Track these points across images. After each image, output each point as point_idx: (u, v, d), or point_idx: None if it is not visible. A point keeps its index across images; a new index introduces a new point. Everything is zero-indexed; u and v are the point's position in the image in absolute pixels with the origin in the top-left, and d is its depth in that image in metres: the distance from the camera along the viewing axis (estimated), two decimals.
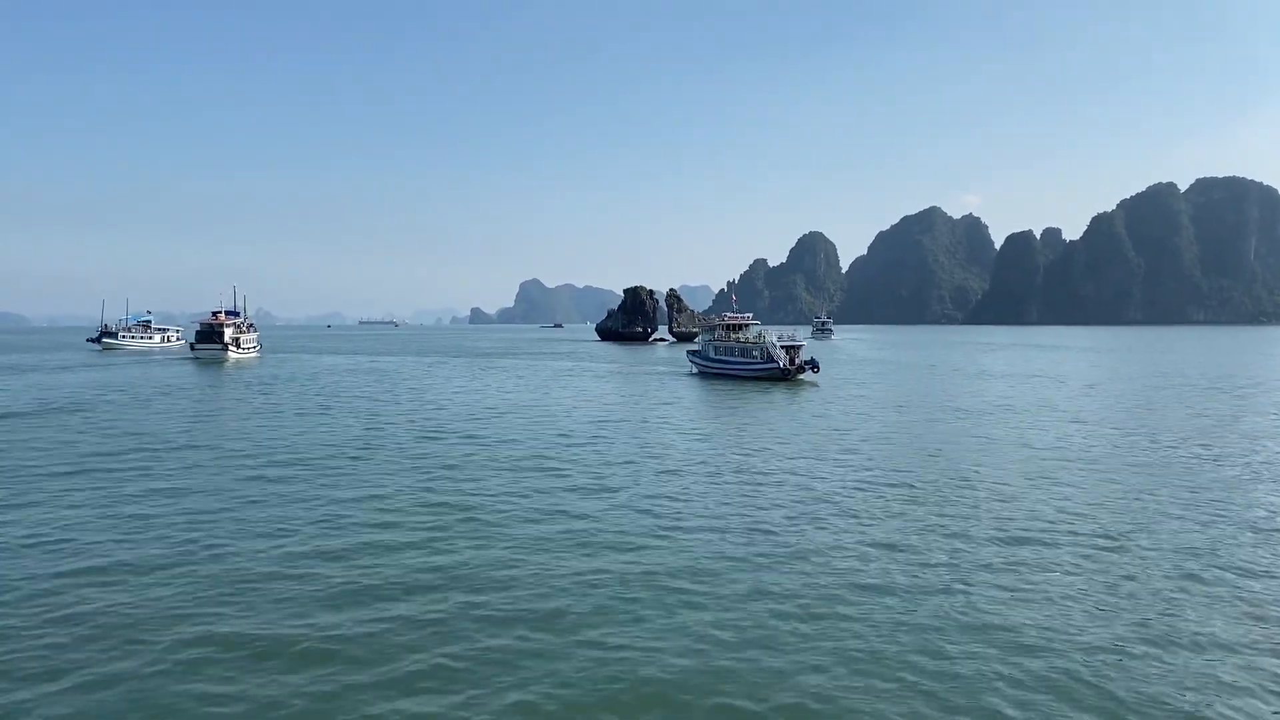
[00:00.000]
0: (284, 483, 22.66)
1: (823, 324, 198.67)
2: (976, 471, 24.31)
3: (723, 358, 65.06)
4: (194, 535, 17.16)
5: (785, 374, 57.73)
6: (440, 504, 20.17)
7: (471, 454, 27.60)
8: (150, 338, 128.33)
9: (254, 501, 20.39)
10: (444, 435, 32.22)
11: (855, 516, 18.85)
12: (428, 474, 24.09)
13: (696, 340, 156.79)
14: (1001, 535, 17.22)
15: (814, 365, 59.21)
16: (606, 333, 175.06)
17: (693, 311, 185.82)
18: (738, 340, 64.51)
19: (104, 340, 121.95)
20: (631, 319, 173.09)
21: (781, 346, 59.61)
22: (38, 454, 27.26)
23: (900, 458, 26.68)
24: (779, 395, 49.14)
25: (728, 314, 71.65)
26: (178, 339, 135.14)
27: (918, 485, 22.26)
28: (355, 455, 27.39)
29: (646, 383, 59.33)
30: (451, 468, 25.09)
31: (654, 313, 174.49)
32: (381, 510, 19.51)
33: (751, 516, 18.88)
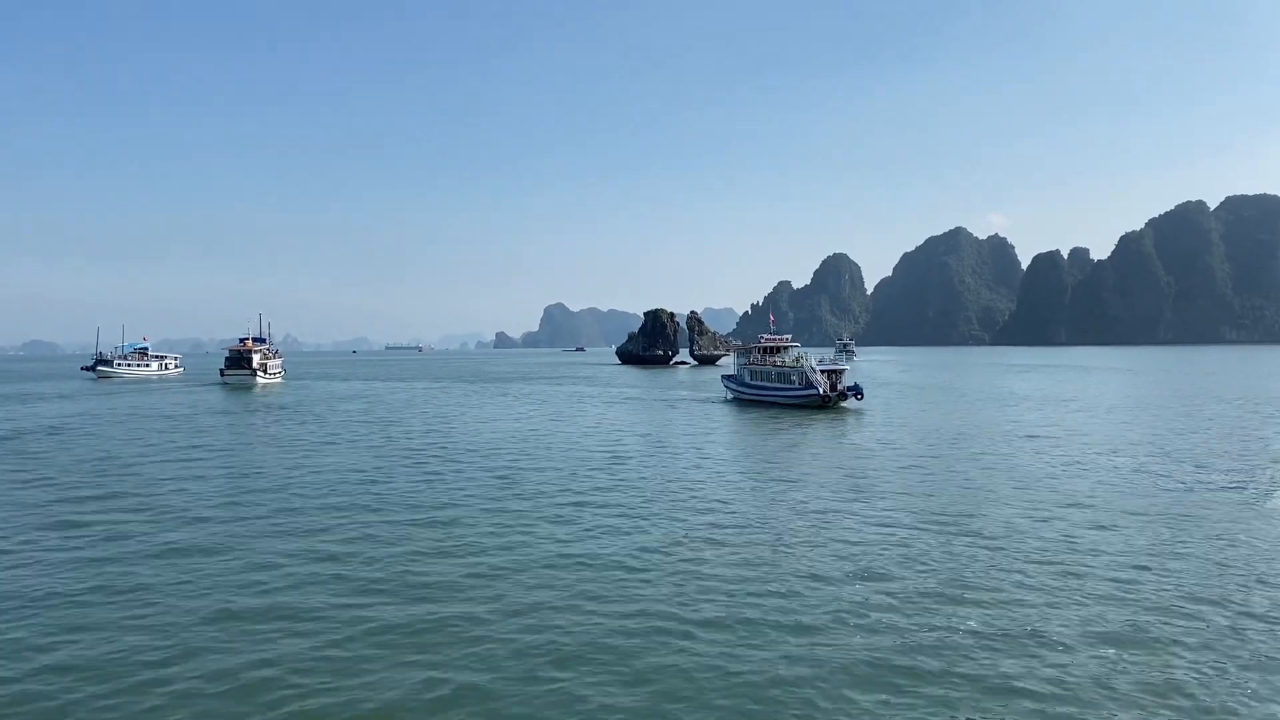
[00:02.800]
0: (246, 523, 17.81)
1: (844, 345, 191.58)
2: (1053, 516, 19.42)
3: (759, 384, 59.50)
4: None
5: (826, 401, 52.30)
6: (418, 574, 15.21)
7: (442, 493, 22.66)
8: (147, 365, 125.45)
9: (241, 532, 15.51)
10: (425, 477, 27.31)
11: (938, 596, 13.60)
12: (401, 530, 19.16)
13: (720, 363, 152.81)
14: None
15: (858, 392, 53.69)
16: (627, 356, 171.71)
17: (715, 334, 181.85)
18: (775, 364, 58.78)
19: (99, 369, 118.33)
20: (652, 342, 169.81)
21: (822, 371, 54.18)
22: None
23: (961, 508, 21.33)
24: (818, 428, 43.14)
25: (764, 336, 65.01)
26: (175, 366, 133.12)
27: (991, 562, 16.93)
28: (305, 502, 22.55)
29: (671, 414, 53.59)
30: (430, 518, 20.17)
31: (675, 335, 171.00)
32: (334, 575, 14.56)
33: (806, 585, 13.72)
